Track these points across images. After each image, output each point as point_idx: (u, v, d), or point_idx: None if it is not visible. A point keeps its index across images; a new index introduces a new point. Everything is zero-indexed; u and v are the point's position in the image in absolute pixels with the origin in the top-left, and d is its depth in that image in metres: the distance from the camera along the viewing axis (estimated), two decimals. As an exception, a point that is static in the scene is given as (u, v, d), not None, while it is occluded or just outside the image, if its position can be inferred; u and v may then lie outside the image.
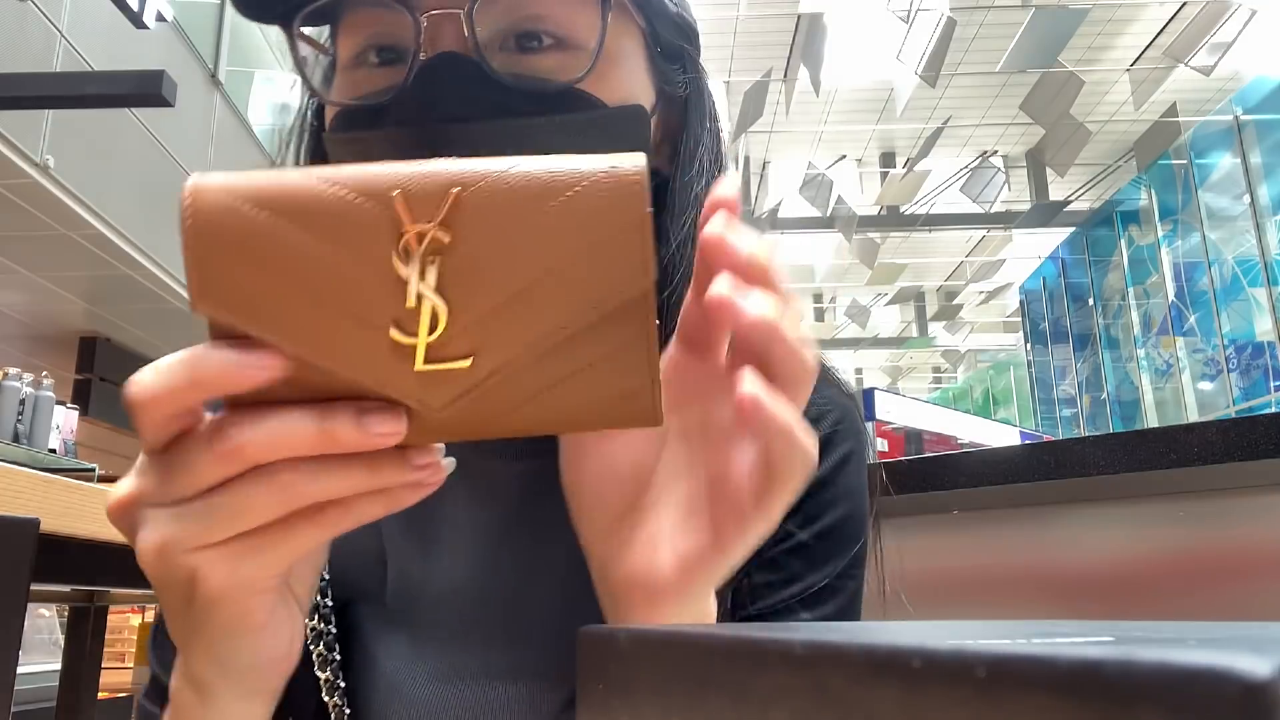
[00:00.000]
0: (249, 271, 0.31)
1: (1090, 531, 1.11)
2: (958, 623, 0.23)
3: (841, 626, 0.22)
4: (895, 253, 10.78)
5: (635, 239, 0.33)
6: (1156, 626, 0.21)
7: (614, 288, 0.33)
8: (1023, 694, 0.13)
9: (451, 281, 0.32)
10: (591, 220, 0.33)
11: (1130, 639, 0.16)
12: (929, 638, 0.16)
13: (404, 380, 0.32)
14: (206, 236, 0.31)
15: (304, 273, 0.32)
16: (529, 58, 0.47)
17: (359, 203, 0.32)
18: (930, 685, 0.15)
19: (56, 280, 5.13)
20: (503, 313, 0.33)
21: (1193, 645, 0.13)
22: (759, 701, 0.18)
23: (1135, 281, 9.09)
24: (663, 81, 0.54)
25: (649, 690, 0.21)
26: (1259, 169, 7.24)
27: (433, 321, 0.32)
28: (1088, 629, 0.19)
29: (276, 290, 0.31)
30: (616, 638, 0.22)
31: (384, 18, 0.47)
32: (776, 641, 0.18)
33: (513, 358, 0.33)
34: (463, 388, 0.32)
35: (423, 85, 0.45)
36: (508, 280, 0.32)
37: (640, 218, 0.33)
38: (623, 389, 0.34)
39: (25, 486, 1.04)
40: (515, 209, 0.32)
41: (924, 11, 6.49)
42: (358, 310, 0.32)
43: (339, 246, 0.32)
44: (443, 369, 0.32)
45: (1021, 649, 0.14)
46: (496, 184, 0.33)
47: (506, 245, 0.32)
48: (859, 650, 0.16)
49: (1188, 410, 8.05)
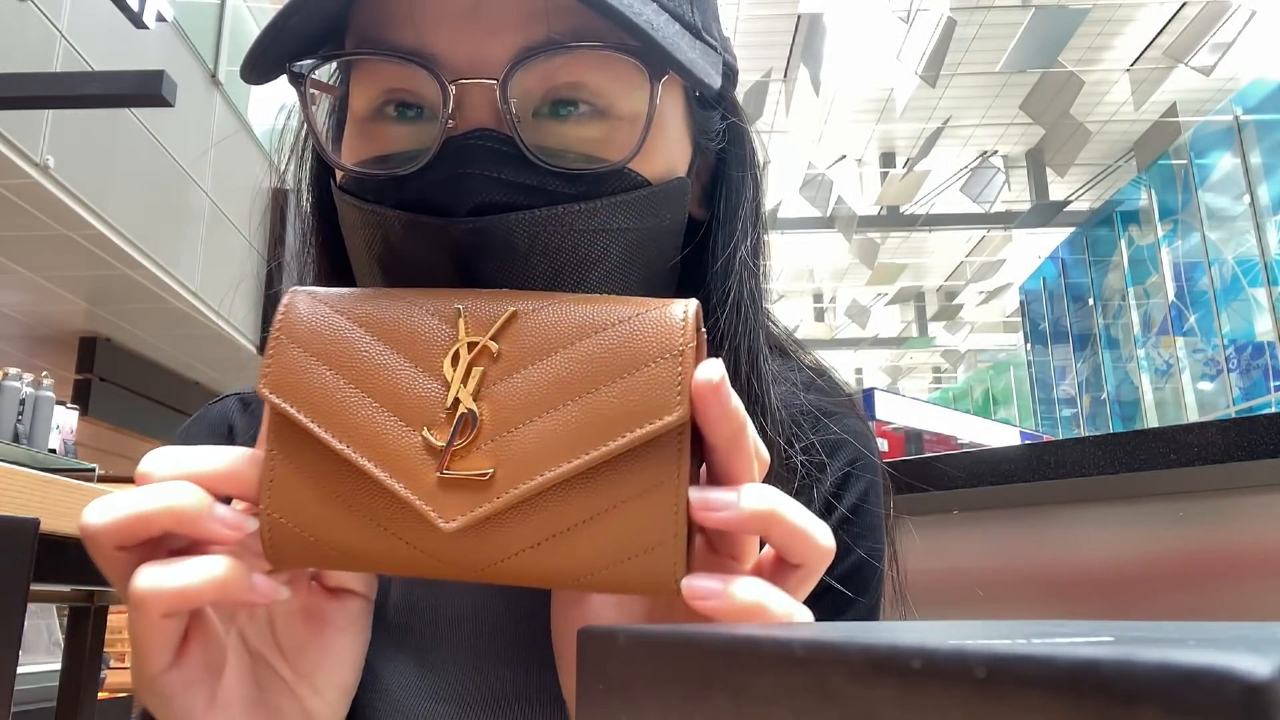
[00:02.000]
0: (315, 368, 0.35)
1: (1090, 531, 1.11)
2: (957, 623, 0.23)
3: (841, 626, 0.22)
4: (895, 253, 10.77)
5: (672, 368, 0.33)
6: (1156, 626, 0.21)
7: (647, 415, 0.33)
8: (1023, 694, 0.13)
9: (491, 394, 0.34)
10: (632, 348, 0.34)
11: (1130, 639, 0.16)
12: (928, 637, 0.16)
13: (425, 481, 0.34)
14: (288, 334, 0.36)
15: (364, 372, 0.35)
16: (566, 127, 0.43)
17: (425, 315, 0.36)
18: (930, 685, 0.15)
19: (56, 280, 5.13)
20: (532, 431, 0.34)
21: (1192, 645, 0.13)
22: (759, 700, 0.18)
23: (1135, 281, 9.09)
24: (700, 131, 0.50)
25: (649, 690, 0.21)
26: (1259, 169, 7.24)
27: (464, 430, 0.34)
28: (1087, 629, 0.19)
29: (334, 386, 0.35)
30: (617, 637, 0.22)
31: (408, 74, 0.43)
32: (776, 641, 0.18)
33: (533, 482, 0.33)
34: (477, 505, 0.33)
35: (450, 162, 0.41)
36: (544, 400, 0.34)
37: (680, 347, 0.34)
38: (643, 541, 0.33)
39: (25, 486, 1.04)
40: (564, 334, 0.35)
41: (924, 12, 6.48)
42: (401, 409, 0.35)
43: (400, 351, 0.35)
44: (462, 476, 0.33)
45: (1021, 649, 0.14)
46: (551, 310, 0.36)
47: (549, 367, 0.34)
48: (858, 649, 0.16)
49: (1188, 410, 8.05)
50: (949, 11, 6.31)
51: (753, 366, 0.50)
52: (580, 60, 0.42)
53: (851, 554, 0.52)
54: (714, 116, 0.51)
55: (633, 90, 0.43)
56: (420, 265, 0.43)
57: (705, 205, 0.52)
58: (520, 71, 0.41)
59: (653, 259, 0.46)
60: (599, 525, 0.33)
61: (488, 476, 0.33)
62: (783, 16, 7.32)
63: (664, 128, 0.46)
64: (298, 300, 0.37)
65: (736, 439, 0.34)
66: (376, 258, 0.44)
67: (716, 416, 0.33)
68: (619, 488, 0.33)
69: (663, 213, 0.46)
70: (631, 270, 0.45)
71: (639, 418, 0.33)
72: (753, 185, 0.53)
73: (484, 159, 0.41)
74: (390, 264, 0.44)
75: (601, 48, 0.41)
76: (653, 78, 0.42)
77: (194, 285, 5.21)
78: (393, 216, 0.43)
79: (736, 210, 0.51)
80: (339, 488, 0.35)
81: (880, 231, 10.11)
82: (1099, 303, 9.89)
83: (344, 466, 0.34)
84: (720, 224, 0.51)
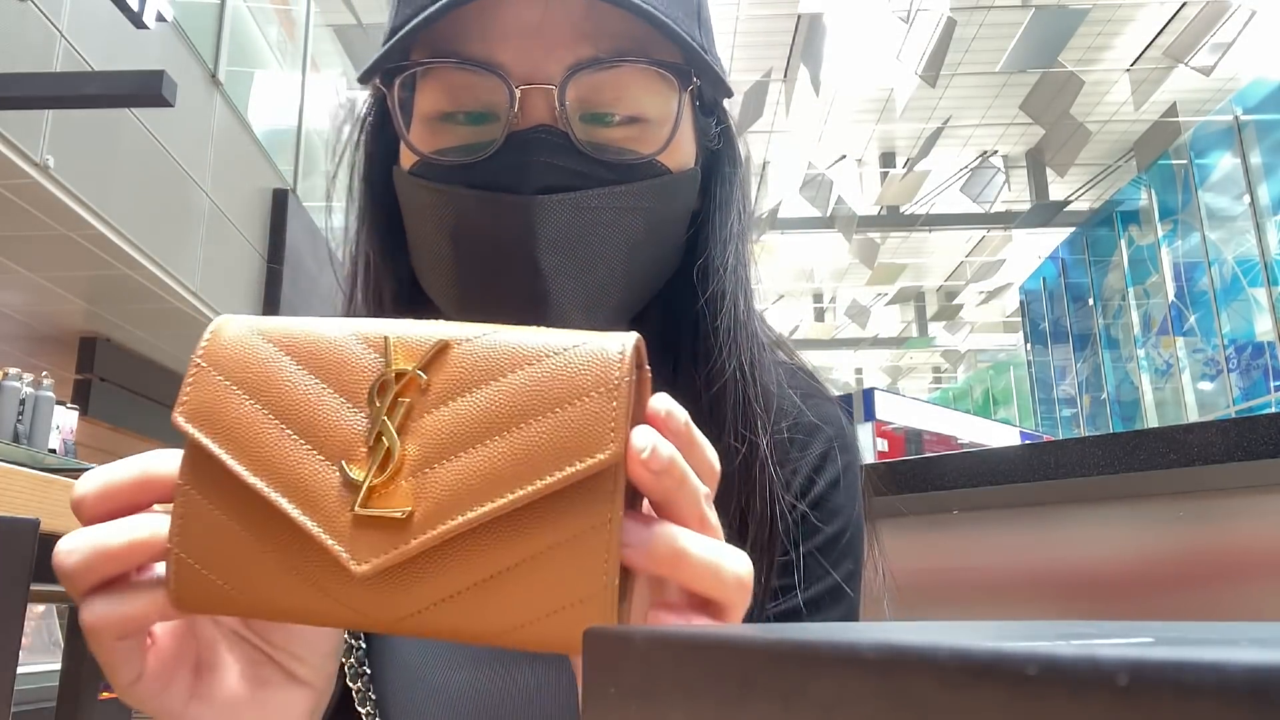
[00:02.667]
0: (235, 397, 0.33)
1: (1090, 531, 1.11)
2: (976, 623, 0.23)
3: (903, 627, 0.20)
4: (895, 253, 10.77)
5: (607, 402, 0.31)
6: (1208, 627, 0.20)
7: (578, 453, 0.30)
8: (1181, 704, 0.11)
9: (417, 428, 0.32)
10: (565, 381, 0.31)
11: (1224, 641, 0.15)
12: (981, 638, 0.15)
13: (339, 520, 0.31)
14: (210, 361, 0.34)
15: (286, 402, 0.33)
16: (607, 130, 0.53)
17: (354, 343, 0.34)
18: (1051, 694, 0.12)
19: (56, 280, 5.13)
20: (456, 468, 0.31)
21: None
22: (816, 708, 0.16)
23: (1135, 281, 9.09)
24: (702, 133, 0.59)
25: (674, 696, 0.19)
26: (1259, 169, 7.24)
27: (384, 464, 0.32)
28: (1116, 629, 0.19)
29: (254, 416, 0.33)
30: (632, 639, 0.21)
31: (476, 82, 0.52)
32: (836, 643, 0.16)
33: (453, 524, 0.31)
34: (392, 547, 0.31)
35: (516, 151, 0.51)
36: (471, 435, 0.31)
37: (615, 381, 0.31)
38: (574, 592, 0.30)
39: (25, 486, 1.04)
40: (496, 365, 0.32)
41: (924, 12, 6.48)
42: (322, 442, 0.32)
43: (326, 380, 0.33)
44: (378, 515, 0.31)
45: (1172, 654, 0.12)
46: (484, 341, 0.33)
47: (478, 400, 0.32)
48: (950, 653, 0.14)
49: (1188, 410, 8.05)
50: (949, 11, 6.31)
51: (749, 339, 0.57)
52: (621, 74, 0.52)
53: (832, 523, 0.57)
54: (711, 121, 0.60)
55: (661, 97, 0.53)
56: (488, 236, 0.51)
57: (700, 198, 0.60)
58: (573, 81, 0.50)
59: (666, 237, 0.56)
60: (525, 573, 0.30)
61: (404, 516, 0.31)
62: (783, 16, 7.32)
63: (682, 128, 0.55)
64: (224, 325, 0.35)
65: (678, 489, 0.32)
66: (449, 232, 0.53)
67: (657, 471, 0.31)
68: (547, 532, 0.31)
69: (679, 196, 0.56)
70: (650, 245, 0.54)
71: (569, 455, 0.30)
72: (740, 182, 0.62)
73: (545, 149, 0.51)
74: (461, 237, 0.52)
75: (640, 63, 0.52)
76: (681, 87, 0.53)
77: (194, 285, 5.21)
78: (468, 195, 0.51)
79: (729, 202, 0.60)
80: (253, 527, 0.32)
81: (880, 231, 10.11)
82: (1099, 303, 9.90)
83: (259, 503, 0.32)
84: (717, 206, 0.59)
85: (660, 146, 0.53)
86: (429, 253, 0.55)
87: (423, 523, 0.31)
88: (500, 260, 0.51)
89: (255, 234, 6.00)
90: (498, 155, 0.51)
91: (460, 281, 0.53)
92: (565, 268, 0.51)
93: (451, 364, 0.33)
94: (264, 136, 6.17)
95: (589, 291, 0.52)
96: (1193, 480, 1.02)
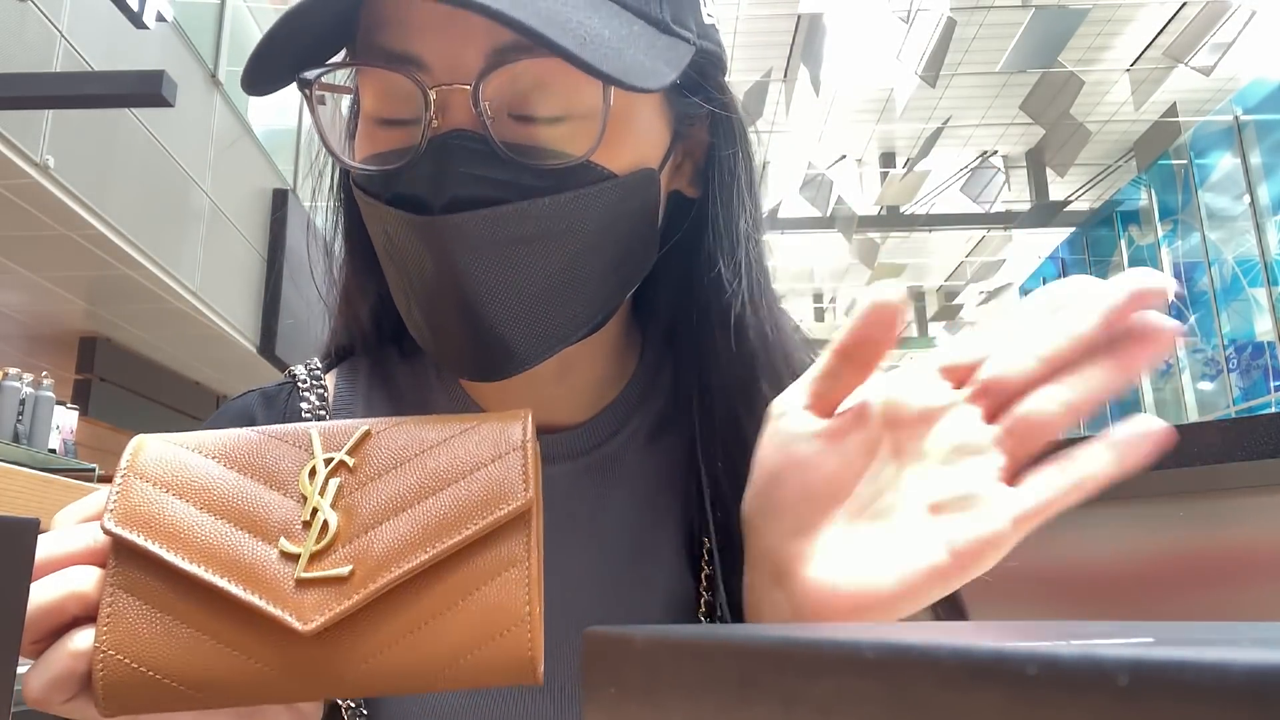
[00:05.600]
0: (165, 500, 0.35)
1: (1090, 531, 1.11)
2: (980, 624, 0.22)
3: (906, 627, 0.20)
4: (895, 253, 10.77)
5: (517, 459, 0.36)
6: (1210, 627, 0.20)
7: (496, 503, 0.35)
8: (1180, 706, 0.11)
9: (349, 503, 0.35)
10: (476, 451, 0.36)
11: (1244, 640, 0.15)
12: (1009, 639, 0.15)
13: (281, 589, 0.33)
14: (136, 473, 0.36)
15: (217, 498, 0.35)
16: (536, 128, 0.46)
17: (278, 444, 0.37)
18: (1052, 695, 0.12)
19: (56, 280, 5.12)
20: (388, 530, 0.35)
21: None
22: (816, 709, 0.16)
23: (1135, 281, 9.07)
24: (682, 117, 0.53)
25: (673, 697, 0.19)
26: (1259, 169, 7.24)
27: (322, 533, 0.34)
28: (1117, 629, 0.19)
29: (186, 514, 0.35)
30: (632, 640, 0.21)
31: (396, 81, 0.46)
32: (837, 643, 0.16)
33: (391, 575, 0.34)
34: (337, 604, 0.33)
35: (432, 160, 0.45)
36: (399, 503, 0.35)
37: (519, 442, 0.37)
38: (499, 623, 0.33)
39: (25, 486, 1.04)
40: (413, 445, 0.37)
41: (924, 12, 6.48)
42: (256, 526, 0.35)
43: (254, 477, 0.36)
44: (321, 575, 0.34)
45: (1174, 654, 0.12)
46: (401, 428, 0.38)
47: (402, 474, 0.36)
48: (951, 653, 0.14)
49: (1188, 410, 8.04)
50: (949, 11, 6.31)
51: (773, 326, 0.54)
52: (543, 65, 0.44)
53: None
54: (698, 101, 0.53)
55: (590, 91, 0.45)
56: (411, 255, 0.46)
57: (699, 184, 0.55)
58: (492, 76, 0.44)
59: (623, 237, 0.49)
60: (457, 613, 0.34)
61: (348, 574, 0.33)
62: (783, 16, 7.32)
63: (630, 121, 0.48)
64: (144, 442, 0.37)
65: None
66: (382, 248, 0.49)
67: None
68: (473, 574, 0.34)
69: (630, 201, 0.48)
70: (599, 251, 0.48)
71: (489, 506, 0.34)
72: (745, 161, 0.56)
73: (460, 157, 0.44)
74: (390, 254, 0.48)
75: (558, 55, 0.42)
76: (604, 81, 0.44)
77: (194, 285, 5.21)
78: (384, 210, 0.47)
79: (731, 186, 0.54)
80: (188, 617, 0.33)
81: (880, 231, 10.10)
82: (1099, 303, 9.87)
83: (192, 592, 0.34)
84: (715, 199, 0.54)
85: (591, 147, 0.45)
86: (382, 265, 0.51)
87: (364, 577, 0.34)
88: (425, 280, 0.47)
89: (255, 234, 6.00)
90: (417, 164, 0.45)
91: (404, 298, 0.50)
92: (491, 286, 0.45)
93: (375, 448, 0.37)
94: (264, 136, 6.17)
95: (527, 305, 0.47)
96: (1193, 480, 1.02)
